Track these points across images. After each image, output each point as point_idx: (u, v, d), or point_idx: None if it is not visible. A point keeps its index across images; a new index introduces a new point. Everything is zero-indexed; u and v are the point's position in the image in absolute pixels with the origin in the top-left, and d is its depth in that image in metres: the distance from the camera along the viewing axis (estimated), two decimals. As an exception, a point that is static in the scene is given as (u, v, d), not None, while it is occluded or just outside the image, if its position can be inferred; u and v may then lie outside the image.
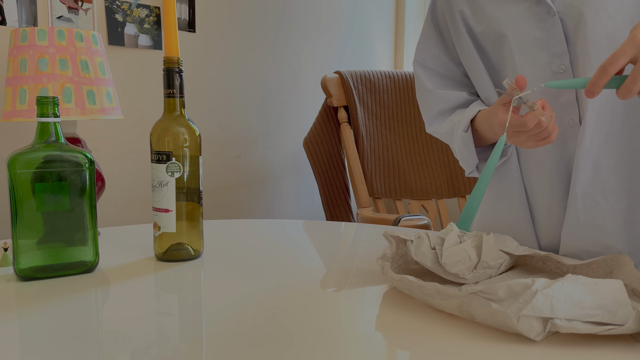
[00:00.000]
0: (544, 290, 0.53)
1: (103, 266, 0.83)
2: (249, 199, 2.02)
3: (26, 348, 0.55)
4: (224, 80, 1.88)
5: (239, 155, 1.96)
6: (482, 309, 0.57)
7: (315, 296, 0.70)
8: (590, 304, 0.54)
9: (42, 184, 0.74)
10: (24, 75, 1.04)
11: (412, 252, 0.72)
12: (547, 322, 0.54)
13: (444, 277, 0.72)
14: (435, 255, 0.72)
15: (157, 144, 0.83)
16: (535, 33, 0.81)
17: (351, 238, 1.06)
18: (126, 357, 0.52)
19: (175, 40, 0.83)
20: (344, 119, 1.94)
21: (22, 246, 0.74)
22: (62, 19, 1.45)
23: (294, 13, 2.07)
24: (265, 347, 0.55)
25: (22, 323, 0.61)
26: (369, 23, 2.38)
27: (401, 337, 0.57)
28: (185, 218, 0.84)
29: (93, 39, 1.09)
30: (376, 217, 1.76)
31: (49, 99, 0.75)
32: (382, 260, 0.72)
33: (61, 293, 0.71)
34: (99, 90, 1.08)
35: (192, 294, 0.71)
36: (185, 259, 0.86)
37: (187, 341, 0.56)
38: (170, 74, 0.83)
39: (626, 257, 0.67)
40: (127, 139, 1.62)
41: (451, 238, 0.73)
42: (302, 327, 0.59)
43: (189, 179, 0.84)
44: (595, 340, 0.55)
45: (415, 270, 0.78)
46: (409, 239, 0.73)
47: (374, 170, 1.96)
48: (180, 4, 1.72)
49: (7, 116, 1.06)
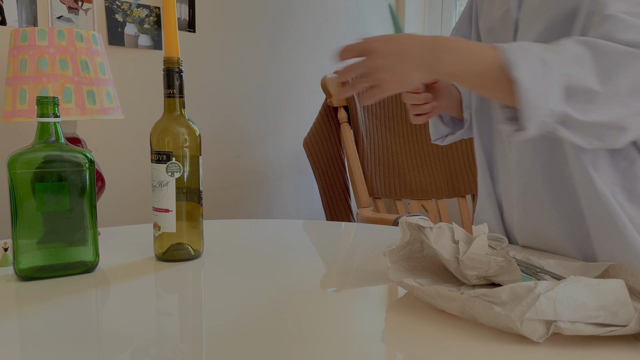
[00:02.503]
0: (547, 293, 0.53)
1: (103, 266, 0.83)
2: (249, 199, 2.02)
3: (26, 348, 0.54)
4: (224, 80, 1.88)
5: (239, 155, 1.96)
6: (484, 312, 0.57)
7: (315, 296, 0.69)
8: (592, 305, 0.54)
9: (42, 184, 0.74)
10: (24, 75, 1.04)
11: (431, 240, 0.71)
12: (550, 325, 0.54)
13: (451, 271, 0.71)
14: (456, 250, 0.71)
15: (157, 144, 0.83)
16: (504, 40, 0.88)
17: (351, 238, 1.05)
18: (126, 357, 0.52)
19: (175, 40, 0.83)
20: (344, 119, 1.94)
21: (22, 246, 0.74)
22: (62, 19, 1.44)
23: (294, 13, 2.07)
24: (265, 347, 0.54)
25: (22, 323, 0.61)
26: (369, 23, 2.38)
27: (402, 337, 0.57)
28: (185, 218, 0.84)
29: (93, 39, 1.09)
30: (376, 217, 1.76)
31: (49, 99, 0.75)
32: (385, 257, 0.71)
33: (61, 293, 0.70)
34: (99, 90, 1.08)
35: (192, 294, 0.71)
36: (185, 259, 0.85)
37: (187, 341, 0.56)
38: (170, 74, 0.83)
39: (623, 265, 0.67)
40: (127, 139, 1.62)
41: (480, 241, 0.71)
42: (302, 327, 0.59)
43: (189, 179, 0.84)
44: (597, 340, 0.55)
45: (418, 258, 0.76)
46: (428, 226, 0.72)
47: (374, 170, 1.95)
48: (180, 4, 1.72)
49: (7, 116, 1.06)
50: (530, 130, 0.66)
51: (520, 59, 0.65)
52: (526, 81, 0.64)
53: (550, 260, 0.75)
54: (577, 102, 0.66)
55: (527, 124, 0.66)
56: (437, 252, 0.71)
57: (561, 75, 0.65)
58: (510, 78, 0.66)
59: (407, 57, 0.70)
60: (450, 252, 0.71)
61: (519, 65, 0.65)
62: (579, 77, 0.65)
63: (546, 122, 0.66)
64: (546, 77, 0.65)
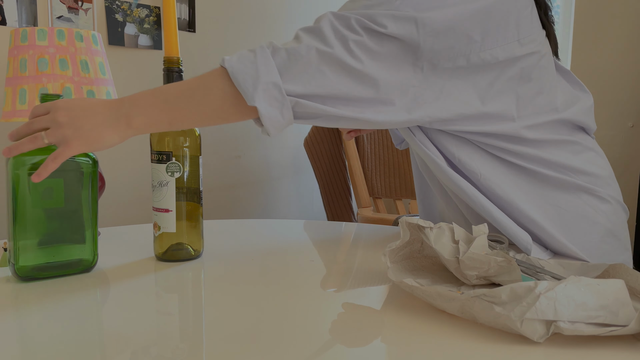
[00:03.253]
0: (547, 293, 0.53)
1: (103, 266, 0.83)
2: (249, 199, 2.02)
3: (26, 348, 0.54)
4: (224, 80, 1.88)
5: (239, 155, 1.96)
6: (484, 312, 0.57)
7: (315, 296, 0.69)
8: (592, 305, 0.53)
9: (43, 184, 0.74)
10: (24, 75, 1.04)
11: (431, 240, 0.71)
12: (550, 325, 0.54)
13: (451, 271, 0.71)
14: (456, 250, 0.71)
15: (157, 144, 0.83)
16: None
17: (352, 238, 1.05)
18: (126, 357, 0.52)
19: (175, 40, 0.83)
20: (344, 119, 1.94)
21: (21, 246, 0.74)
22: (62, 19, 1.44)
23: (293, 13, 2.07)
24: (265, 347, 0.54)
25: (21, 323, 0.61)
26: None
27: (403, 337, 0.57)
28: (185, 218, 0.84)
29: (93, 39, 1.09)
30: (376, 217, 1.76)
31: (52, 96, 0.75)
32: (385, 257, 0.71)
33: (61, 293, 0.70)
34: (99, 90, 1.08)
35: (192, 294, 0.71)
36: (185, 259, 0.85)
37: (187, 341, 0.56)
38: (170, 74, 0.83)
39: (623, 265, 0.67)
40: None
41: (480, 241, 0.71)
42: (303, 327, 0.59)
43: (189, 179, 0.84)
44: (597, 340, 0.55)
45: (418, 258, 0.76)
46: (428, 226, 0.72)
47: (375, 170, 1.95)
48: (180, 4, 1.72)
49: (7, 116, 1.06)
50: (259, 105, 0.70)
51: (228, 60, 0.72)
52: (237, 66, 0.70)
53: (550, 260, 0.75)
54: (288, 71, 0.71)
55: (251, 102, 0.70)
56: (437, 252, 0.71)
57: (268, 54, 0.72)
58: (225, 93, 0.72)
59: (91, 114, 0.70)
60: (450, 252, 0.70)
61: (228, 60, 0.72)
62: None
63: (273, 94, 0.70)
64: (253, 58, 0.71)
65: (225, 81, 0.72)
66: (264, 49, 0.72)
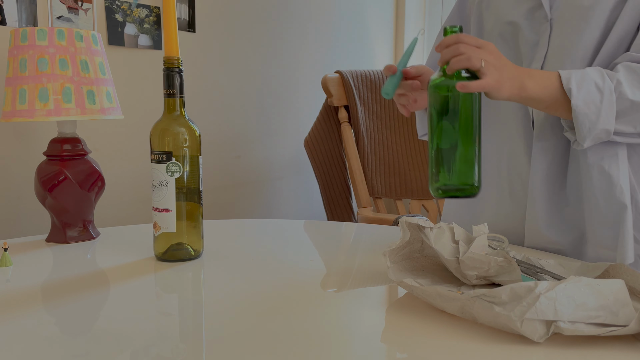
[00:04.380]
0: (547, 293, 0.53)
1: (103, 266, 0.83)
2: (249, 199, 2.02)
3: (26, 348, 0.54)
4: (224, 80, 1.88)
5: (239, 155, 1.96)
6: (484, 312, 0.57)
7: (315, 296, 0.69)
8: (592, 305, 0.53)
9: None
10: (24, 75, 1.04)
11: (431, 241, 0.71)
12: (550, 325, 0.54)
13: (451, 271, 0.71)
14: (456, 250, 0.70)
15: (157, 144, 0.83)
16: (532, 37, 0.89)
17: (351, 238, 1.05)
18: (126, 357, 0.52)
19: (175, 40, 0.83)
20: (345, 119, 1.94)
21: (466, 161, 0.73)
22: (62, 19, 1.44)
23: (294, 13, 2.07)
24: (265, 347, 0.54)
25: (21, 323, 0.61)
26: (369, 23, 2.38)
27: (402, 337, 0.57)
28: (185, 218, 0.84)
29: (93, 39, 1.09)
30: (376, 217, 1.75)
31: (455, 29, 0.76)
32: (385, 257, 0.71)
33: (61, 293, 0.70)
34: (99, 90, 1.08)
35: (192, 294, 0.71)
36: (185, 259, 0.85)
37: (187, 341, 0.56)
38: (170, 74, 0.83)
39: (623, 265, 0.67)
40: (127, 139, 1.62)
41: (480, 241, 0.71)
42: (303, 327, 0.59)
43: (189, 179, 0.84)
44: (597, 340, 0.55)
45: (418, 258, 0.76)
46: (428, 226, 0.72)
47: (375, 169, 1.95)
48: (180, 4, 1.72)
49: (7, 116, 1.06)
50: (586, 144, 0.79)
51: (577, 88, 0.77)
52: (582, 107, 0.77)
53: (550, 260, 0.75)
54: (626, 116, 0.78)
55: (581, 142, 0.79)
56: (437, 252, 0.71)
57: (613, 100, 0.77)
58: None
59: (507, 67, 0.76)
60: (451, 252, 0.70)
61: (576, 94, 0.76)
62: (624, 98, 0.77)
63: (600, 137, 0.78)
64: (599, 102, 0.77)
65: (566, 104, 0.79)
66: (612, 92, 0.78)
